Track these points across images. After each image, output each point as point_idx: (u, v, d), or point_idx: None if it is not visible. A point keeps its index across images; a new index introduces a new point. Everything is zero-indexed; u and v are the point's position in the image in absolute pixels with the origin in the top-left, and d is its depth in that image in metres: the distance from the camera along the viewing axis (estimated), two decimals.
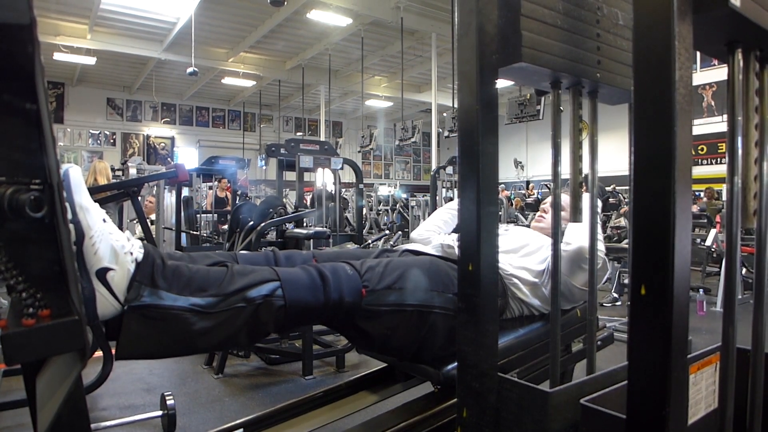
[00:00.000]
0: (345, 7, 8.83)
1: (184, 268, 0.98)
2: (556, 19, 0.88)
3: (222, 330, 0.99)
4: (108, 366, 1.98)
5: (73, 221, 0.85)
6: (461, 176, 0.91)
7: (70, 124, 13.63)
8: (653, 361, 0.63)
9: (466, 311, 0.90)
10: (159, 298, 0.92)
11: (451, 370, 1.31)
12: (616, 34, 0.99)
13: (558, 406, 0.84)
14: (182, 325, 0.94)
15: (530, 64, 0.84)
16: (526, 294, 1.53)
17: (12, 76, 0.63)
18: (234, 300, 0.99)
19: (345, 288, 1.16)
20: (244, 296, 1.01)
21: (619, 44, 1.00)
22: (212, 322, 0.97)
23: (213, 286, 0.98)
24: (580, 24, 0.93)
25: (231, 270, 1.04)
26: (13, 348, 0.60)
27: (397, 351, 1.35)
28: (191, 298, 0.95)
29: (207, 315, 0.96)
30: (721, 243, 5.04)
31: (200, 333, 0.96)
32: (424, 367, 1.37)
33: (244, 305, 1.00)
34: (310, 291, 1.11)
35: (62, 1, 8.85)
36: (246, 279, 1.03)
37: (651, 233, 0.63)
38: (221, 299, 0.98)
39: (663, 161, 0.62)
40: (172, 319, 0.92)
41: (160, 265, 0.94)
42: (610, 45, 0.98)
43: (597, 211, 1.01)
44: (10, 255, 0.67)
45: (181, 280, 0.95)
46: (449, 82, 12.40)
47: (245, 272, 1.05)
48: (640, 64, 0.65)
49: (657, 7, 0.63)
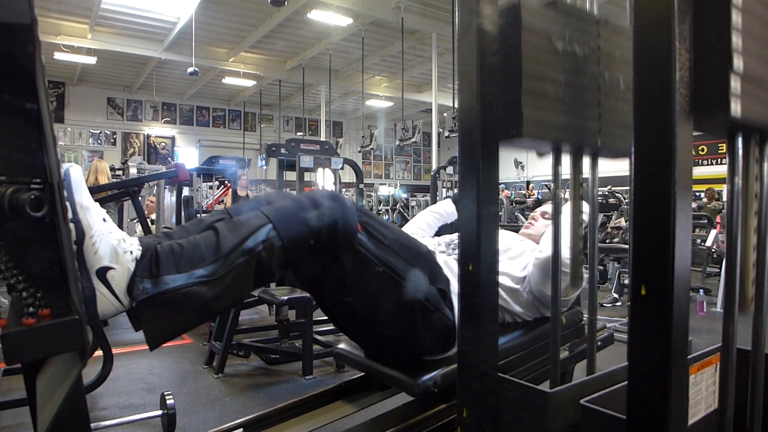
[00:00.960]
0: (345, 7, 8.83)
1: (176, 245, 0.98)
2: (558, 91, 0.88)
3: (233, 288, 0.99)
4: (108, 365, 1.98)
5: (74, 220, 0.85)
6: (461, 176, 0.91)
7: (70, 123, 13.64)
8: (653, 361, 0.63)
9: (466, 311, 0.90)
10: (163, 284, 0.92)
11: (428, 380, 1.27)
12: (618, 98, 0.99)
13: (558, 407, 0.84)
14: (194, 299, 0.94)
15: (532, 140, 0.85)
16: (506, 300, 1.50)
17: (13, 76, 0.63)
18: (234, 257, 0.99)
19: (340, 215, 1.13)
20: (242, 250, 1.00)
21: (620, 108, 0.99)
22: (221, 286, 0.97)
23: (210, 253, 0.98)
24: (581, 93, 0.93)
25: (221, 230, 1.02)
26: (13, 347, 0.60)
27: (372, 328, 1.31)
28: (194, 272, 0.95)
29: (214, 281, 0.96)
30: (722, 243, 5.04)
31: (214, 299, 0.97)
32: (399, 376, 1.31)
33: (246, 258, 1.00)
34: (303, 221, 1.09)
35: (63, 1, 8.85)
36: (238, 233, 1.02)
37: (651, 233, 0.63)
38: (222, 262, 0.98)
39: (663, 161, 0.62)
40: (182, 297, 0.93)
41: (153, 254, 0.94)
42: (612, 110, 0.98)
43: (583, 219, 0.98)
44: (10, 254, 0.67)
45: (176, 258, 0.95)
46: (449, 82, 12.41)
47: (236, 226, 1.04)
48: (641, 64, 0.65)
49: (657, 7, 0.63)
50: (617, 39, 0.98)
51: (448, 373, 1.29)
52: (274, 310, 3.01)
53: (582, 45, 0.92)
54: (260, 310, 4.39)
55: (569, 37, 0.90)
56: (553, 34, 0.88)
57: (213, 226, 1.05)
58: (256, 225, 1.04)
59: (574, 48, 0.91)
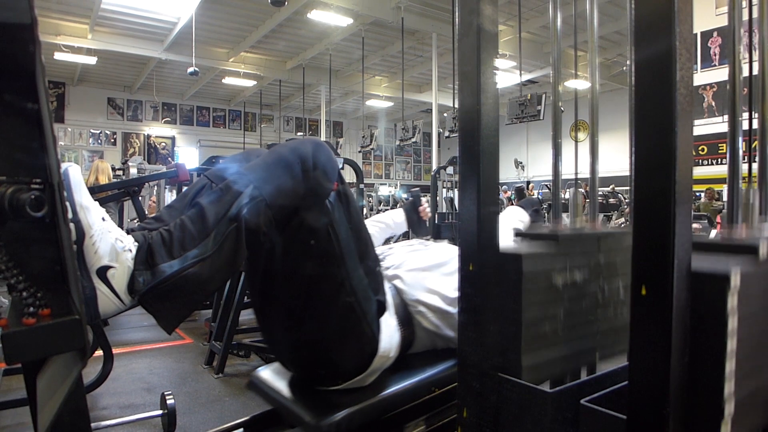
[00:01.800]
0: (346, 7, 8.83)
1: (164, 233, 0.96)
2: (557, 328, 0.89)
3: (230, 258, 0.98)
4: (108, 365, 1.98)
5: (74, 220, 0.85)
6: (462, 176, 0.91)
7: (70, 123, 13.65)
8: (653, 361, 0.63)
9: (466, 311, 0.90)
10: (161, 273, 0.91)
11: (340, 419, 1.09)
12: (616, 306, 1.00)
13: (558, 407, 0.84)
14: (194, 279, 0.94)
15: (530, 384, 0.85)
16: (435, 325, 1.32)
17: (13, 76, 0.63)
18: (221, 228, 0.97)
19: (325, 163, 1.08)
20: (228, 219, 0.97)
21: (619, 313, 1.00)
22: (217, 260, 0.96)
23: (197, 231, 0.96)
24: (580, 321, 0.94)
25: (204, 204, 0.99)
26: (13, 347, 0.60)
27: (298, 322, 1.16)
28: (187, 254, 0.94)
29: (209, 257, 0.95)
30: None
31: (213, 274, 0.96)
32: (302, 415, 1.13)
33: (234, 225, 0.97)
34: (285, 172, 1.04)
35: (63, 1, 8.86)
36: (221, 203, 0.99)
37: (651, 234, 0.63)
38: (212, 236, 0.96)
39: (664, 162, 0.62)
40: (182, 281, 0.92)
41: (145, 247, 0.94)
42: (609, 322, 0.98)
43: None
44: (10, 254, 0.67)
45: (167, 245, 0.94)
46: (450, 82, 12.41)
47: (217, 198, 1.00)
48: (641, 65, 0.65)
49: (657, 7, 0.63)
50: (617, 246, 0.99)
51: (354, 413, 1.13)
52: None
53: (582, 269, 0.93)
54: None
55: (570, 273, 0.91)
56: (553, 271, 0.89)
57: (195, 202, 1.02)
58: (237, 190, 1.00)
59: (574, 278, 0.92)
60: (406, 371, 1.28)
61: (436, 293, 1.32)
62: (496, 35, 0.88)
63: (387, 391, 1.22)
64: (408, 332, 1.29)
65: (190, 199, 1.05)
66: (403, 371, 1.28)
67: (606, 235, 0.98)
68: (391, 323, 1.25)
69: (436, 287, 1.33)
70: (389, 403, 1.21)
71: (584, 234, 0.97)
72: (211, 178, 1.07)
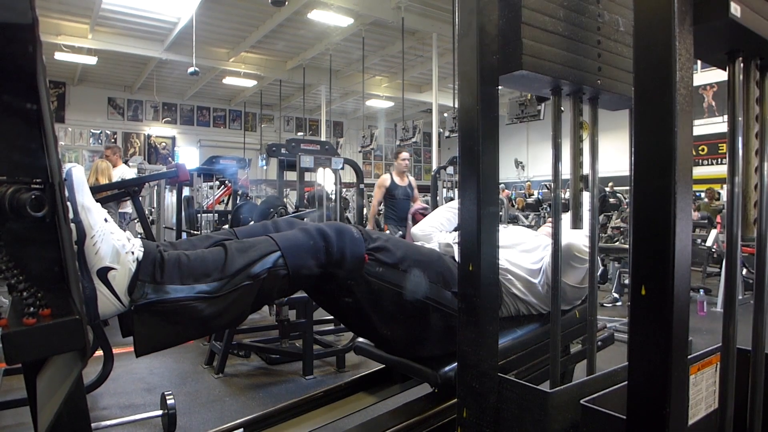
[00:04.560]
0: (346, 7, 8.83)
1: (183, 256, 0.97)
2: (557, 26, 0.88)
3: (232, 309, 0.99)
4: (108, 365, 1.98)
5: (75, 221, 0.85)
6: (462, 176, 0.91)
7: (71, 123, 13.64)
8: (653, 361, 0.63)
9: (466, 311, 0.90)
10: (164, 293, 0.92)
11: (449, 371, 1.31)
12: (617, 41, 0.99)
13: (558, 407, 0.84)
14: (192, 313, 0.94)
15: (531, 72, 0.85)
16: (521, 290, 1.51)
17: (14, 76, 0.63)
18: (239, 280, 0.99)
19: (348, 249, 1.15)
20: (248, 274, 1.00)
21: (619, 51, 0.99)
22: (221, 305, 0.97)
23: (215, 270, 0.98)
24: (580, 31, 0.93)
25: (230, 249, 1.02)
26: (14, 347, 0.60)
27: (391, 339, 1.34)
28: (196, 286, 0.95)
29: (215, 299, 0.96)
30: (722, 243, 5.04)
31: (211, 317, 0.96)
32: (421, 368, 1.37)
33: (250, 282, 1.00)
34: (311, 253, 1.10)
35: (64, 1, 8.86)
36: (247, 256, 1.02)
37: (651, 234, 0.63)
38: (226, 281, 0.98)
39: (664, 162, 0.62)
40: (180, 309, 0.93)
41: (158, 259, 0.94)
42: (611, 52, 0.98)
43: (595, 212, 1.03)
44: (11, 254, 0.67)
45: (182, 269, 0.95)
46: (450, 82, 12.40)
47: (245, 248, 1.04)
48: (641, 65, 0.65)
49: (657, 10, 0.63)
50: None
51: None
52: (274, 309, 3.01)
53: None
54: (260, 310, 4.39)
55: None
56: None
57: (222, 243, 1.06)
58: (265, 251, 1.04)
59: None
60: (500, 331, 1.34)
61: (520, 266, 1.51)
62: (496, 35, 0.88)
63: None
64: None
65: (214, 241, 1.10)
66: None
67: None
68: None
69: (519, 261, 1.52)
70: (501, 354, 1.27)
71: None
72: (238, 234, 1.18)
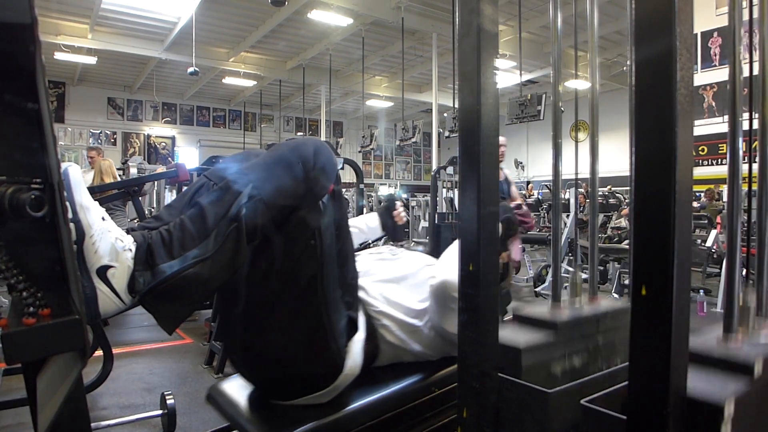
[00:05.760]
0: (346, 7, 8.83)
1: (164, 232, 0.95)
2: None
3: (230, 258, 0.97)
4: (108, 365, 1.98)
5: (74, 220, 0.85)
6: (462, 176, 0.91)
7: (70, 123, 13.65)
8: (653, 361, 0.63)
9: (466, 311, 0.90)
10: (161, 273, 0.91)
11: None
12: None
13: (558, 407, 0.84)
14: (194, 279, 0.93)
15: None
16: (399, 338, 1.27)
17: (13, 76, 0.63)
18: (221, 228, 0.96)
19: (321, 166, 1.05)
20: (228, 219, 0.96)
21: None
22: (218, 260, 0.95)
23: (197, 230, 0.96)
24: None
25: (204, 204, 0.98)
26: (13, 347, 0.60)
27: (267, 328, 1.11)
28: (187, 254, 0.93)
29: (209, 258, 0.94)
30: (722, 244, 5.04)
31: (214, 274, 0.95)
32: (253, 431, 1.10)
33: (235, 225, 0.96)
34: (286, 171, 1.03)
35: (63, 1, 8.86)
36: (221, 203, 0.98)
37: (651, 234, 0.63)
38: (213, 236, 0.95)
39: (664, 162, 0.62)
40: (182, 281, 0.92)
41: (145, 246, 0.93)
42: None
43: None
44: (10, 254, 0.67)
45: (167, 245, 0.94)
46: (450, 82, 12.41)
47: (217, 198, 0.99)
48: (641, 65, 0.65)
49: (657, 7, 0.62)
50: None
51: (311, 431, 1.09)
52: None
53: None
54: None
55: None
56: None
57: (195, 201, 1.01)
58: (236, 189, 0.99)
59: None
60: (368, 386, 1.21)
61: (401, 306, 1.28)
62: (496, 35, 0.88)
63: (348, 407, 1.15)
64: (372, 346, 1.24)
65: (189, 198, 1.05)
66: (366, 386, 1.20)
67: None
68: (358, 339, 1.19)
69: (401, 300, 1.29)
70: (349, 420, 1.15)
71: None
72: (211, 178, 1.05)
